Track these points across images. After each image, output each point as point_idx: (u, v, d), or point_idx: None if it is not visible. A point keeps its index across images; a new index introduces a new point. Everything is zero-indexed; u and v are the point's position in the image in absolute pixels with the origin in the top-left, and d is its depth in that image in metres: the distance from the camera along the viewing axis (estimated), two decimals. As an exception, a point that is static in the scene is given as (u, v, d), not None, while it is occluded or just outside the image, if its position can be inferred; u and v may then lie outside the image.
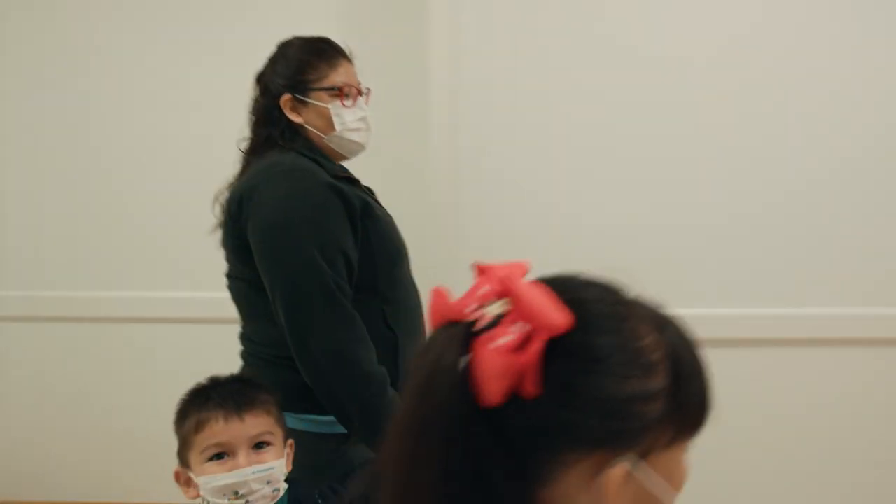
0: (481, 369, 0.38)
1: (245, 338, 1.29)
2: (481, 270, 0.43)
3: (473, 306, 0.41)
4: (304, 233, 1.13)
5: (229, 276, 1.29)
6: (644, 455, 0.40)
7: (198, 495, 0.96)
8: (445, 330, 0.41)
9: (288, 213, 1.15)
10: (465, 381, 0.38)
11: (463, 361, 0.39)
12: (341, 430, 1.16)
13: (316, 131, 1.27)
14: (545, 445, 0.40)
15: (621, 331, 0.41)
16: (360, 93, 1.30)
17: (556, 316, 0.38)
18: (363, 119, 1.30)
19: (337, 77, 1.28)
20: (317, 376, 1.12)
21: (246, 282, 1.23)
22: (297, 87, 1.26)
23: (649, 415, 0.40)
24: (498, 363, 0.37)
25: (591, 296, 0.43)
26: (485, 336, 0.39)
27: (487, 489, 0.39)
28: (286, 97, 1.25)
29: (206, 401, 0.96)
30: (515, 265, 0.42)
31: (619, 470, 0.39)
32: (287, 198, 1.16)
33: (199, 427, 0.95)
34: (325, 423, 1.17)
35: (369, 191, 1.30)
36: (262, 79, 1.30)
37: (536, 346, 0.37)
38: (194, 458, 0.96)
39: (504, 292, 0.40)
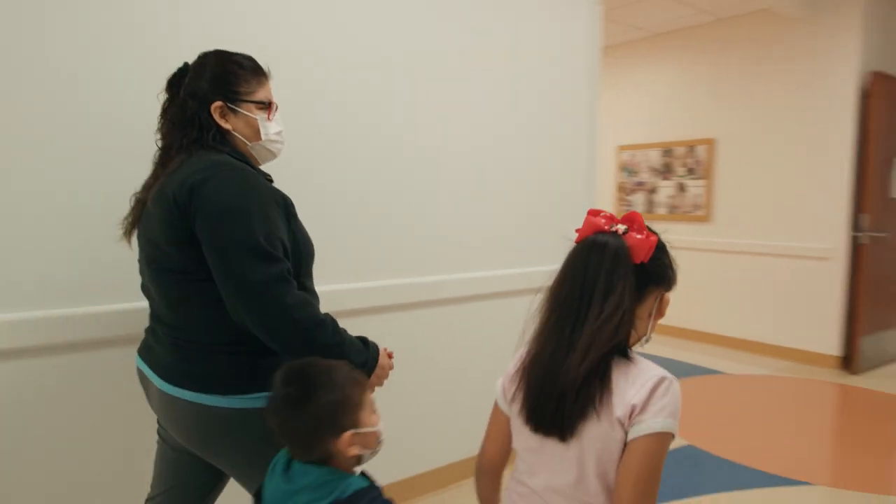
0: (635, 247, 1.07)
1: (169, 325, 1.36)
2: (594, 212, 1.12)
3: (608, 225, 1.11)
4: (253, 221, 1.25)
5: (160, 268, 1.34)
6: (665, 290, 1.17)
7: (357, 452, 1.10)
8: (602, 234, 1.10)
9: (239, 203, 1.26)
10: (628, 252, 1.07)
11: (623, 244, 1.08)
12: (256, 401, 1.32)
13: (242, 138, 1.42)
14: (652, 281, 1.10)
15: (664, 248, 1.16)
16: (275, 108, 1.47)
17: (652, 235, 1.11)
18: (280, 133, 1.48)
19: (264, 93, 1.45)
20: (275, 332, 1.26)
21: (183, 273, 1.31)
22: (229, 96, 1.39)
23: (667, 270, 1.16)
24: (644, 245, 1.07)
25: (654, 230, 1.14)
26: (629, 235, 1.08)
27: (630, 297, 1.07)
28: (218, 104, 1.38)
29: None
30: (632, 213, 1.11)
31: (669, 295, 1.17)
32: (238, 191, 1.27)
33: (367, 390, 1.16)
34: (251, 398, 1.33)
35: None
36: (185, 86, 1.39)
37: (653, 241, 1.10)
38: (366, 415, 1.12)
39: (626, 220, 1.11)
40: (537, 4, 2.90)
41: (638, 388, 1.03)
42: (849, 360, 4.73)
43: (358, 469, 1.13)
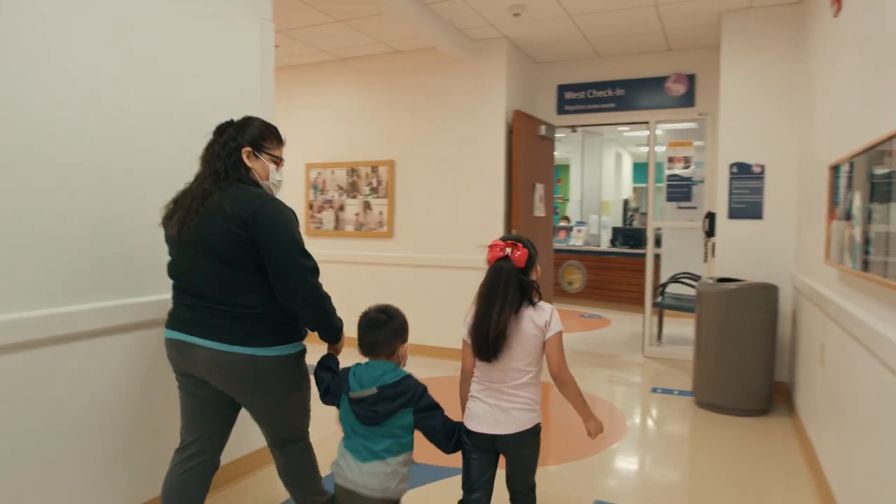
0: (516, 260, 2.02)
1: (220, 302, 1.94)
2: (495, 244, 2.08)
3: (503, 251, 2.05)
4: (293, 232, 1.96)
5: (217, 262, 1.91)
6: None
7: (404, 356, 2.06)
8: (500, 259, 2.04)
9: (284, 220, 1.94)
10: (513, 265, 2.03)
11: (511, 264, 2.03)
12: (300, 349, 2.10)
13: (258, 177, 2.07)
14: (530, 269, 2.09)
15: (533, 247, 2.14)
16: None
17: (524, 249, 2.06)
18: (280, 182, 2.16)
19: (279, 153, 2.14)
20: (310, 306, 1.99)
21: (235, 267, 1.92)
22: (256, 146, 2.06)
23: None
24: (521, 258, 2.03)
25: (523, 241, 2.09)
26: (512, 255, 2.03)
27: (521, 293, 2.03)
28: (247, 150, 2.04)
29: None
30: (509, 242, 2.06)
31: (539, 267, 2.24)
32: (282, 213, 1.95)
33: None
34: (293, 347, 2.05)
35: None
36: (228, 133, 2.05)
37: (524, 253, 2.04)
38: (403, 347, 2.04)
39: (510, 245, 2.05)
40: (201, 27, 2.79)
41: (545, 315, 2.06)
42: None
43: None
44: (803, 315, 3.89)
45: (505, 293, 1.99)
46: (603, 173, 10.79)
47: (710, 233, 5.10)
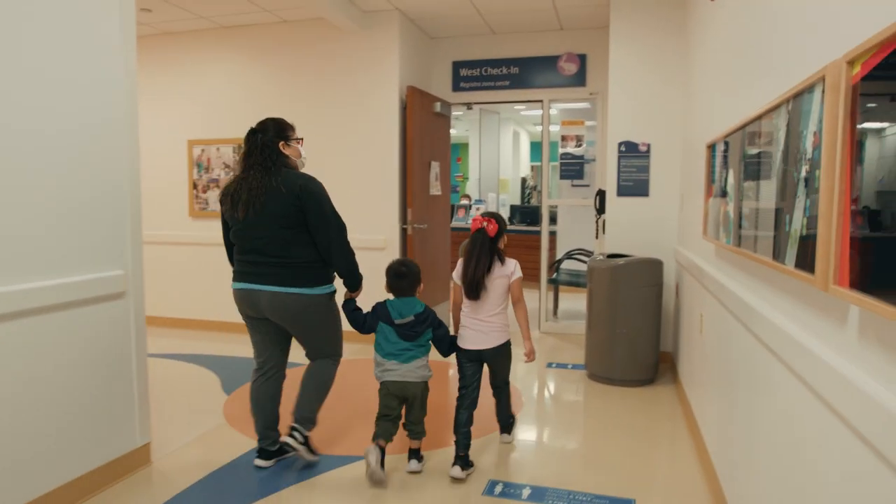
0: (489, 231, 2.97)
1: (279, 256, 2.71)
2: (476, 218, 3.01)
3: (481, 223, 3.01)
4: (329, 202, 2.79)
5: (279, 226, 2.69)
6: None
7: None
8: (478, 230, 2.99)
9: (323, 193, 2.77)
10: (487, 235, 2.97)
11: (485, 232, 2.98)
12: (332, 290, 2.89)
13: (293, 159, 2.85)
14: (500, 238, 3.04)
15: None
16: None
17: (495, 223, 3.03)
18: (305, 158, 2.98)
19: (297, 135, 2.92)
20: (341, 255, 2.79)
21: (290, 230, 2.70)
22: (284, 138, 2.82)
23: None
24: (492, 229, 2.97)
25: (497, 217, 3.06)
26: (486, 228, 2.98)
27: (492, 254, 2.96)
28: (281, 143, 2.80)
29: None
30: (486, 217, 3.01)
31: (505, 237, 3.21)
32: (320, 188, 2.77)
33: None
34: (328, 288, 2.84)
35: None
36: (258, 131, 2.81)
37: (494, 226, 2.99)
38: (420, 287, 2.99)
39: (485, 219, 3.00)
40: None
41: (510, 266, 2.92)
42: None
43: None
44: (685, 288, 4.07)
45: (479, 255, 2.92)
46: (501, 152, 10.90)
47: (600, 210, 5.24)
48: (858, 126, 1.13)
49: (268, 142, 2.76)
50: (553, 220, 9.07)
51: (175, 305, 6.09)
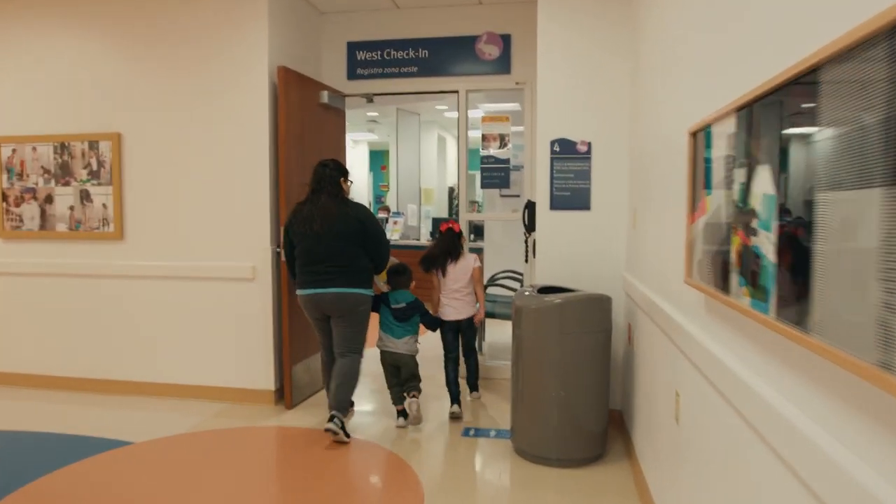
0: (455, 228, 4.12)
1: (342, 266, 3.44)
2: (444, 224, 4.19)
3: (449, 224, 4.16)
4: (379, 223, 3.68)
5: (345, 243, 3.44)
6: None
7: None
8: (448, 229, 4.13)
9: (374, 219, 3.64)
10: (454, 231, 4.11)
11: (453, 229, 4.12)
12: (373, 292, 3.71)
13: (346, 192, 3.64)
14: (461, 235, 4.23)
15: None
16: None
17: (458, 225, 4.22)
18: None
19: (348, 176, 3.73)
20: (385, 261, 3.69)
21: (352, 244, 3.46)
22: (344, 176, 3.63)
23: None
24: (458, 228, 4.13)
25: (457, 223, 4.33)
26: (452, 226, 4.14)
27: (459, 241, 4.13)
28: (342, 179, 3.60)
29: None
30: (451, 221, 4.20)
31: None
32: (373, 214, 3.69)
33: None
34: (371, 291, 3.64)
35: None
36: (328, 166, 3.56)
37: (457, 228, 4.13)
38: (412, 284, 4.05)
39: (451, 224, 4.18)
40: None
41: (471, 258, 4.09)
42: (282, 393, 4.16)
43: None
44: (641, 332, 3.01)
45: (451, 240, 4.03)
46: (423, 158, 9.77)
47: (529, 227, 4.16)
48: None
49: (335, 176, 3.54)
50: (479, 233, 8.01)
51: (-20, 356, 4.60)
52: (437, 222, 8.64)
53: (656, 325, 2.54)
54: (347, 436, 3.48)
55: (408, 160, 9.05)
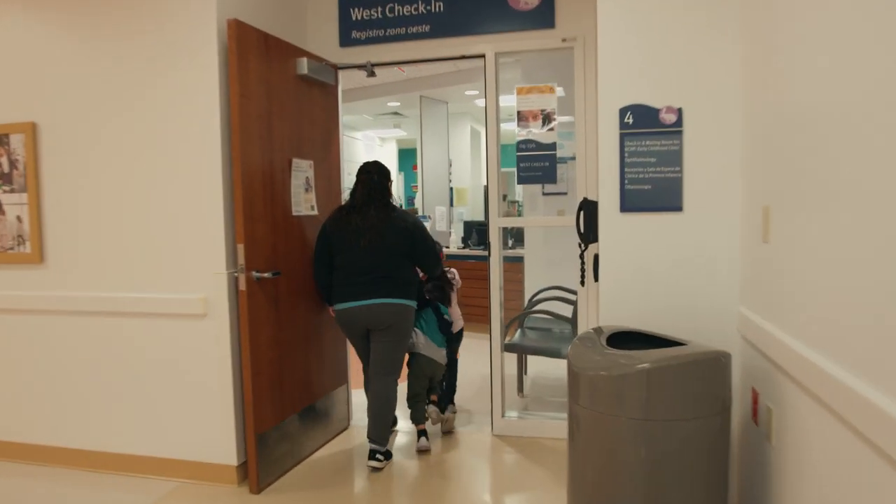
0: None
1: (387, 276, 3.18)
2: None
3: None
4: (427, 231, 3.44)
5: (393, 253, 3.20)
6: None
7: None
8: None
9: (423, 226, 3.40)
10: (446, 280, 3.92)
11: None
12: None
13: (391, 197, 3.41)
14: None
15: None
16: None
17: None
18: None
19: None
20: (435, 269, 3.48)
21: (401, 255, 3.21)
22: (389, 177, 3.37)
23: None
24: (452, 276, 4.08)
25: None
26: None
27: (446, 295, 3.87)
28: (389, 183, 3.36)
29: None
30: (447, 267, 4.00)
31: None
32: (421, 222, 3.43)
33: None
34: (415, 303, 3.36)
35: None
36: (373, 173, 3.30)
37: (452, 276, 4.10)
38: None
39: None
40: None
41: (457, 309, 3.91)
42: (247, 471, 3.03)
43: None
44: (799, 424, 1.75)
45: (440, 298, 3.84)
46: (454, 154, 8.60)
47: (587, 235, 2.93)
48: None
49: (384, 184, 3.33)
50: (519, 238, 6.80)
51: None
52: (469, 226, 7.47)
53: (805, 391, 1.30)
54: (390, 457, 3.36)
55: (436, 156, 7.89)
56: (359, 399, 4.05)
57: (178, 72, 2.97)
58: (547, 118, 3.42)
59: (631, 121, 2.47)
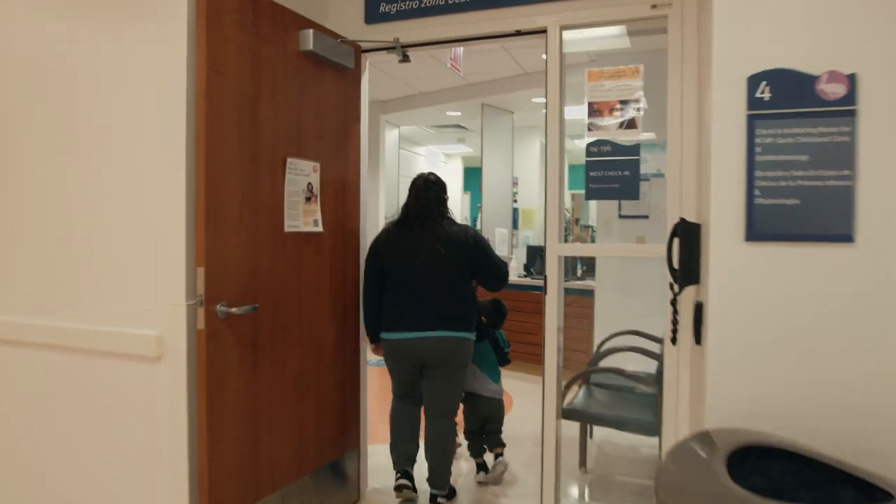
0: None
1: (441, 304, 2.88)
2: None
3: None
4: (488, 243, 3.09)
5: (448, 276, 2.89)
6: None
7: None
8: None
9: (484, 238, 3.05)
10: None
11: None
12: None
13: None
14: None
15: None
16: None
17: None
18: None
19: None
20: (502, 284, 3.01)
21: (461, 273, 2.92)
22: (446, 191, 3.10)
23: None
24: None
25: None
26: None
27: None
28: (446, 196, 3.07)
29: None
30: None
31: None
32: (481, 235, 3.07)
33: None
34: (473, 335, 3.02)
35: None
36: (429, 182, 3.05)
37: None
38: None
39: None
40: None
41: None
42: (204, 573, 2.24)
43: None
44: None
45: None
46: (519, 170, 7.74)
47: (684, 274, 2.01)
48: None
49: (440, 195, 3.06)
50: (591, 268, 5.84)
51: None
52: (534, 252, 6.59)
53: None
54: (454, 495, 3.13)
55: (499, 171, 7.06)
56: (377, 460, 3.25)
57: (135, 35, 2.29)
58: (627, 111, 2.54)
59: (767, 96, 1.56)
